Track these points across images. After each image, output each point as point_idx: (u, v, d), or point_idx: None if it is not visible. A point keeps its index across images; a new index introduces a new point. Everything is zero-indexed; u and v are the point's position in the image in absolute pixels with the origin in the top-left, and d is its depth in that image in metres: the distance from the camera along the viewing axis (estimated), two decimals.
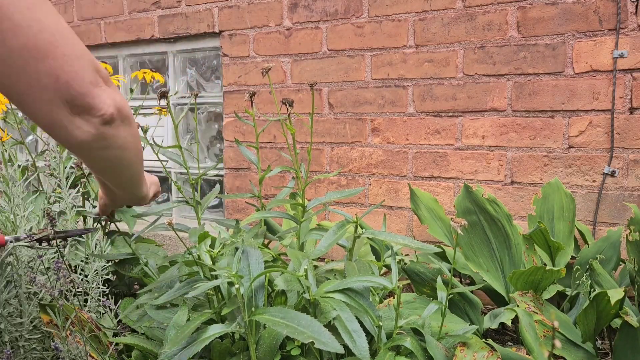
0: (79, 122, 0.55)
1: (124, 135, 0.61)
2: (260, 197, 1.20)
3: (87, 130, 0.56)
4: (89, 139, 0.57)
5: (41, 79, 0.50)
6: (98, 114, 0.55)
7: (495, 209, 1.33)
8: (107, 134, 0.58)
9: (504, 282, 1.31)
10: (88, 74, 0.53)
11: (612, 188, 1.56)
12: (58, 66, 0.50)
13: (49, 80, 0.50)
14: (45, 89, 0.50)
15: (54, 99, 0.51)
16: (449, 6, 1.71)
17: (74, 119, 0.54)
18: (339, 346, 0.71)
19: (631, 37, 1.49)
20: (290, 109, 0.98)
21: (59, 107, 0.52)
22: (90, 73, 0.53)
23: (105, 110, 0.56)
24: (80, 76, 0.52)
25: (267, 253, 1.09)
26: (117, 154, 0.63)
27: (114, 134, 0.59)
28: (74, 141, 0.56)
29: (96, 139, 0.57)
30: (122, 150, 0.63)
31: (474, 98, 1.71)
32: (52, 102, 0.52)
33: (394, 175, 1.86)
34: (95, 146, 0.59)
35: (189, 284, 0.91)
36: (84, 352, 0.90)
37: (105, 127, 0.57)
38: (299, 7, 1.94)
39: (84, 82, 0.52)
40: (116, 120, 0.58)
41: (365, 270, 1.00)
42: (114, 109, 0.57)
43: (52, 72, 0.50)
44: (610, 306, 0.96)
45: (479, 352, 0.94)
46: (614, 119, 1.53)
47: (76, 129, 0.55)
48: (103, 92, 0.55)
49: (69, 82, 0.51)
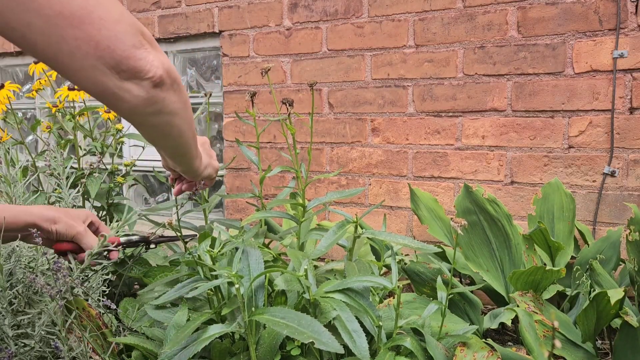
0: (128, 86, 0.53)
1: (174, 100, 0.60)
2: (261, 197, 1.20)
3: (137, 94, 0.55)
4: (141, 103, 0.56)
5: (81, 46, 0.49)
6: (147, 76, 0.54)
7: (495, 209, 1.33)
8: (158, 97, 0.57)
9: (504, 282, 1.31)
10: (129, 37, 0.52)
11: (612, 188, 1.56)
12: (96, 31, 0.49)
13: (89, 47, 0.49)
14: (87, 56, 0.50)
15: (98, 66, 0.50)
16: (449, 6, 1.71)
17: (123, 84, 0.53)
18: (339, 346, 0.72)
19: (631, 37, 1.49)
20: (290, 108, 0.99)
21: (105, 73, 0.51)
22: (132, 36, 0.52)
23: (154, 72, 0.54)
24: (120, 40, 0.51)
25: (267, 253, 1.09)
26: (168, 119, 0.62)
27: (165, 97, 0.58)
28: (126, 106, 0.55)
29: (148, 102, 0.56)
30: (173, 116, 0.62)
31: (474, 98, 1.71)
32: (96, 69, 0.51)
33: (394, 175, 1.86)
34: (148, 111, 0.58)
35: (189, 284, 0.91)
36: (86, 351, 0.90)
37: (155, 89, 0.56)
38: (299, 7, 1.94)
39: (125, 46, 0.51)
40: (166, 82, 0.57)
41: (365, 270, 1.00)
42: (162, 70, 0.55)
43: (90, 38, 0.49)
44: (610, 306, 0.96)
45: (479, 352, 0.94)
46: (614, 119, 1.53)
47: (126, 94, 0.54)
48: (149, 54, 0.54)
49: (110, 47, 0.50)
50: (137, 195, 2.56)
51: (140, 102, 0.56)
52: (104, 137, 1.62)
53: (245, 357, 0.91)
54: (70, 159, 1.55)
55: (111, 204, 1.56)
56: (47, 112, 1.60)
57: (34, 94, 1.56)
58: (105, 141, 1.60)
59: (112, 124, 1.60)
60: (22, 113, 2.75)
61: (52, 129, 1.57)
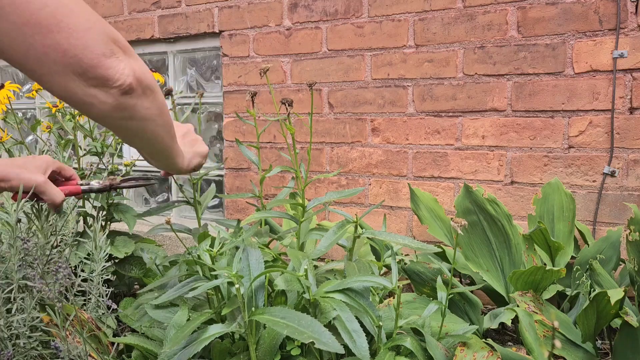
0: (96, 93, 0.54)
1: (147, 106, 0.61)
2: (261, 197, 1.20)
3: (105, 101, 0.55)
4: (109, 109, 0.56)
5: (49, 53, 0.50)
6: (115, 84, 0.55)
7: (495, 209, 1.33)
8: (127, 104, 0.57)
9: (504, 282, 1.31)
10: (99, 46, 0.52)
11: (612, 188, 1.56)
12: (64, 39, 0.49)
13: (57, 55, 0.50)
14: (55, 63, 0.50)
15: (66, 72, 0.51)
16: (449, 6, 1.71)
17: (91, 91, 0.54)
18: (339, 346, 0.71)
19: (631, 37, 1.49)
20: (289, 109, 0.98)
21: (73, 80, 0.52)
22: (102, 44, 0.53)
23: (123, 80, 0.55)
24: (89, 49, 0.51)
25: (267, 253, 1.09)
26: (142, 125, 0.63)
27: (136, 103, 0.59)
28: (95, 112, 0.56)
29: (116, 109, 0.57)
30: (146, 122, 0.63)
31: (474, 98, 1.71)
32: (64, 75, 0.51)
33: (394, 175, 1.86)
34: (116, 116, 0.58)
35: (188, 283, 0.91)
36: (84, 353, 0.90)
37: (125, 97, 0.56)
38: (299, 7, 1.94)
39: (94, 54, 0.52)
40: (136, 90, 0.57)
41: (365, 270, 1.00)
42: (132, 79, 0.56)
43: (59, 45, 0.49)
44: (610, 306, 0.96)
45: (479, 352, 0.94)
46: (614, 119, 1.53)
47: (94, 100, 0.55)
48: (120, 62, 0.54)
49: (78, 55, 0.51)
50: (137, 195, 2.56)
51: (109, 109, 0.56)
52: (104, 137, 1.62)
53: (245, 357, 0.91)
54: (71, 159, 1.55)
55: (111, 204, 1.56)
56: (47, 112, 1.60)
57: (34, 94, 1.56)
58: (105, 141, 1.60)
59: None
60: (22, 113, 2.75)
61: (52, 129, 1.57)
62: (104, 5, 2.38)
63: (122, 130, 0.63)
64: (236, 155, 2.13)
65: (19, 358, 0.93)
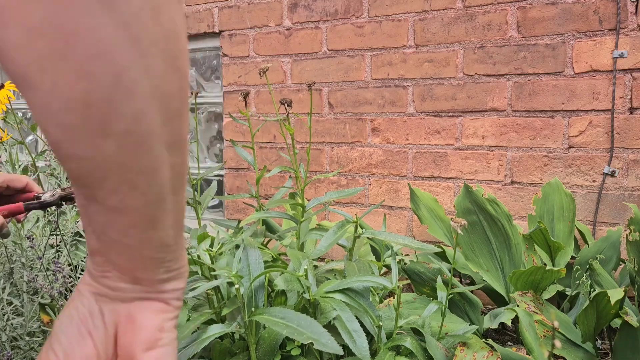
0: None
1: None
2: (258, 197, 1.20)
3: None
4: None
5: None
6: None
7: (495, 209, 1.33)
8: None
9: (504, 282, 1.31)
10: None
11: (612, 188, 1.56)
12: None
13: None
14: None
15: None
16: (449, 6, 1.71)
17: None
18: (338, 347, 0.71)
19: (631, 37, 1.49)
20: (288, 109, 0.98)
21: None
22: None
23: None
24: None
25: (267, 253, 1.09)
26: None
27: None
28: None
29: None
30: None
31: (474, 98, 1.71)
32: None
33: (394, 175, 1.86)
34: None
35: (188, 283, 0.91)
36: None
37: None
38: (299, 7, 1.94)
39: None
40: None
41: (365, 270, 1.00)
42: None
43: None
44: (610, 306, 0.96)
45: (479, 352, 0.94)
46: (614, 119, 1.53)
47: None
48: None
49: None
50: None
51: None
52: None
53: (245, 357, 0.91)
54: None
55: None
56: None
57: None
58: None
59: None
60: (22, 113, 2.75)
61: None
62: None
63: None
64: (236, 155, 2.13)
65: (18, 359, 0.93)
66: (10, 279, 0.96)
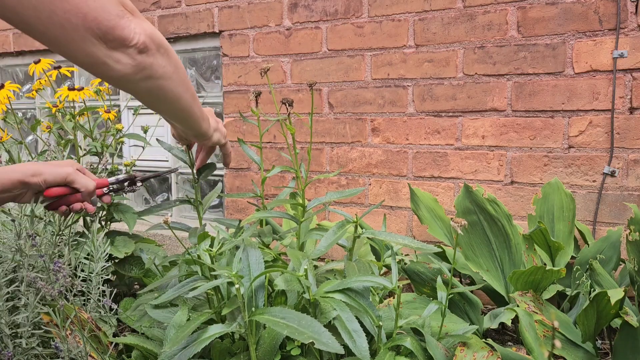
0: (116, 55, 0.57)
1: (163, 64, 0.63)
2: (262, 197, 1.20)
3: (126, 62, 0.58)
4: (130, 70, 0.59)
5: (70, 18, 0.52)
6: (131, 43, 0.57)
7: (495, 208, 1.33)
8: (145, 63, 0.60)
9: (504, 282, 1.31)
10: (113, 7, 0.55)
11: (612, 188, 1.56)
12: (83, 3, 0.52)
13: (77, 19, 0.52)
14: (77, 29, 0.53)
15: (87, 37, 0.54)
16: (449, 6, 1.71)
17: (111, 53, 0.56)
18: (339, 347, 0.71)
19: (631, 37, 1.49)
20: (290, 108, 0.98)
21: (94, 43, 0.55)
22: (115, 6, 0.55)
23: (137, 39, 0.58)
24: (106, 10, 0.54)
25: (267, 253, 1.09)
26: (161, 84, 0.65)
27: (152, 62, 0.61)
28: (116, 74, 0.59)
29: (136, 70, 0.59)
30: (164, 80, 0.65)
31: (474, 98, 1.71)
32: (86, 40, 0.54)
33: (394, 175, 1.86)
34: (137, 77, 0.61)
35: (188, 283, 0.91)
36: (84, 352, 0.90)
37: (141, 56, 0.59)
38: (299, 7, 1.94)
39: (111, 16, 0.55)
40: (151, 48, 0.60)
41: (365, 270, 1.00)
42: (144, 37, 0.58)
43: (79, 10, 0.52)
44: (610, 306, 0.96)
45: (479, 352, 0.94)
46: (614, 118, 1.53)
47: (116, 63, 0.57)
48: (130, 22, 0.57)
49: (97, 18, 0.53)
50: (137, 195, 2.56)
51: (130, 70, 0.59)
52: (104, 137, 1.62)
53: (245, 357, 0.91)
54: (71, 158, 1.55)
55: (111, 204, 1.56)
56: (47, 112, 1.60)
57: (34, 94, 1.56)
58: (105, 141, 1.60)
59: (112, 124, 1.60)
60: (22, 113, 2.75)
61: (52, 129, 1.57)
62: None
63: (143, 92, 0.65)
64: (236, 155, 2.13)
65: (19, 358, 0.93)
66: (15, 271, 0.96)
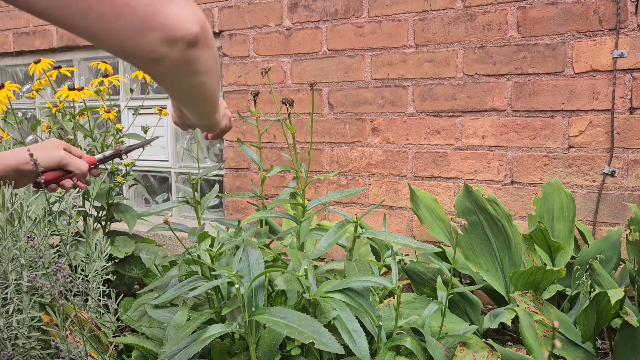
0: (160, 47, 0.49)
1: (208, 57, 0.56)
2: (262, 197, 1.20)
3: (171, 57, 0.50)
4: (173, 65, 0.51)
5: (114, 5, 0.45)
6: (180, 35, 0.49)
7: (495, 208, 1.33)
8: (192, 57, 0.52)
9: (504, 282, 1.31)
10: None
11: (612, 188, 1.56)
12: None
13: (122, 9, 0.46)
14: (120, 17, 0.46)
15: (128, 26, 0.47)
16: (449, 6, 1.71)
17: (154, 46, 0.48)
18: (339, 346, 0.71)
19: (631, 37, 1.49)
20: (290, 108, 0.98)
21: (138, 34, 0.47)
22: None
23: (187, 31, 0.49)
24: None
25: (267, 253, 1.09)
26: (202, 80, 0.58)
27: (200, 56, 0.53)
28: (158, 69, 0.51)
29: (181, 64, 0.52)
30: (206, 76, 0.58)
31: (474, 98, 1.71)
32: (127, 29, 0.47)
33: (394, 175, 1.86)
34: (181, 72, 0.54)
35: (188, 283, 0.91)
36: (84, 352, 0.90)
37: (190, 50, 0.51)
38: (299, 7, 1.94)
39: (158, 1, 0.47)
40: (200, 41, 0.52)
41: (365, 270, 1.00)
42: (198, 27, 0.50)
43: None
44: (611, 306, 0.96)
45: (479, 352, 0.94)
46: (614, 118, 1.53)
47: (158, 56, 0.49)
48: (182, 8, 0.49)
49: (142, 3, 0.46)
50: (137, 195, 2.56)
51: (173, 65, 0.51)
52: (104, 137, 1.62)
53: (245, 357, 0.91)
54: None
55: (111, 204, 1.56)
56: (47, 112, 1.60)
57: (34, 94, 1.56)
58: (105, 141, 1.60)
59: (112, 124, 1.60)
60: (22, 113, 2.75)
61: (52, 129, 1.57)
62: None
63: (181, 88, 0.58)
64: (236, 155, 2.13)
65: (18, 358, 0.93)
66: (15, 268, 0.96)
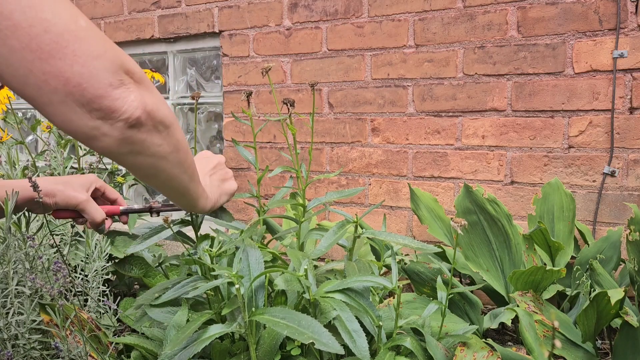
0: (101, 125, 0.50)
1: (157, 143, 0.56)
2: (258, 197, 1.20)
3: (110, 134, 0.51)
4: (114, 143, 0.52)
5: (49, 80, 0.46)
6: (121, 117, 0.50)
7: (495, 208, 1.33)
8: (134, 138, 0.53)
9: (504, 282, 1.31)
10: (106, 75, 0.49)
11: (612, 188, 1.56)
12: (67, 67, 0.46)
13: (58, 82, 0.46)
14: (56, 92, 0.47)
15: (68, 102, 0.47)
16: (449, 6, 1.71)
17: (96, 123, 0.49)
18: (339, 347, 0.71)
19: (631, 37, 1.49)
20: (291, 109, 0.98)
21: (75, 110, 0.48)
22: (111, 73, 0.49)
23: (130, 113, 0.51)
24: (95, 77, 0.48)
25: (267, 253, 1.09)
26: (152, 162, 0.58)
27: (145, 139, 0.54)
28: (98, 145, 0.52)
29: (122, 143, 0.53)
30: (157, 159, 0.59)
31: (474, 98, 1.71)
32: (66, 105, 0.48)
33: (394, 175, 1.86)
34: (123, 151, 0.54)
35: (188, 283, 0.91)
36: (84, 352, 0.90)
37: (131, 130, 0.52)
38: (299, 7, 1.94)
39: (100, 84, 0.48)
40: (145, 124, 0.53)
41: (365, 270, 1.00)
42: (141, 111, 0.52)
43: (60, 73, 0.46)
44: (611, 306, 0.96)
45: (479, 352, 0.94)
46: (614, 118, 1.53)
47: (98, 132, 0.50)
48: (129, 93, 0.50)
49: (82, 84, 0.47)
50: (137, 195, 2.56)
51: (114, 143, 0.52)
52: None
53: (245, 357, 0.91)
54: (70, 159, 1.55)
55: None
56: None
57: None
58: None
59: None
60: (22, 113, 2.75)
61: (52, 129, 1.57)
62: (103, 5, 2.38)
63: (131, 167, 0.59)
64: (236, 155, 2.13)
65: (18, 358, 0.93)
66: (15, 270, 0.96)
